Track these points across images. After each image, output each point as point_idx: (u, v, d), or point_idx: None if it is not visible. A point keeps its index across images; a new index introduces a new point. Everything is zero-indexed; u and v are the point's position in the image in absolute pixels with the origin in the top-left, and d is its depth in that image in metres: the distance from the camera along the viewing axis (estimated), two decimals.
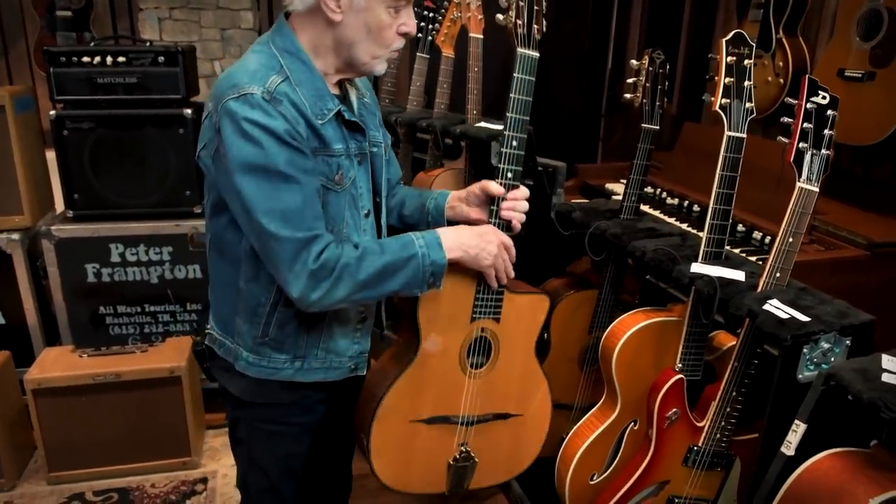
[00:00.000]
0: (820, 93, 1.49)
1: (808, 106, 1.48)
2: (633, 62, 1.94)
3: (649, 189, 2.95)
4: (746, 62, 1.61)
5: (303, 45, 1.36)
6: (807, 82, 1.49)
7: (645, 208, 2.72)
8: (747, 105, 1.61)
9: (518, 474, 1.92)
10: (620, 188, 3.10)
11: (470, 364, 1.74)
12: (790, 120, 1.51)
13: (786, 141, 1.51)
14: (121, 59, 2.58)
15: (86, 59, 2.56)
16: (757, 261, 2.12)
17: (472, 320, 1.69)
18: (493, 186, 1.54)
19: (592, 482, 1.89)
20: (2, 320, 2.78)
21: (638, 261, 1.83)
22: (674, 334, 1.75)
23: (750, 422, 1.67)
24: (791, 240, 1.50)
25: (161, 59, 2.61)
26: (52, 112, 2.57)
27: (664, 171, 3.10)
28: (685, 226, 2.58)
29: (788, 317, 1.41)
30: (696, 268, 1.65)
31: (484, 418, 1.80)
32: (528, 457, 1.91)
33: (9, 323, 2.78)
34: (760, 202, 2.37)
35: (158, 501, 2.48)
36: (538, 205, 1.68)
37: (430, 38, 2.72)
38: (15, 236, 2.67)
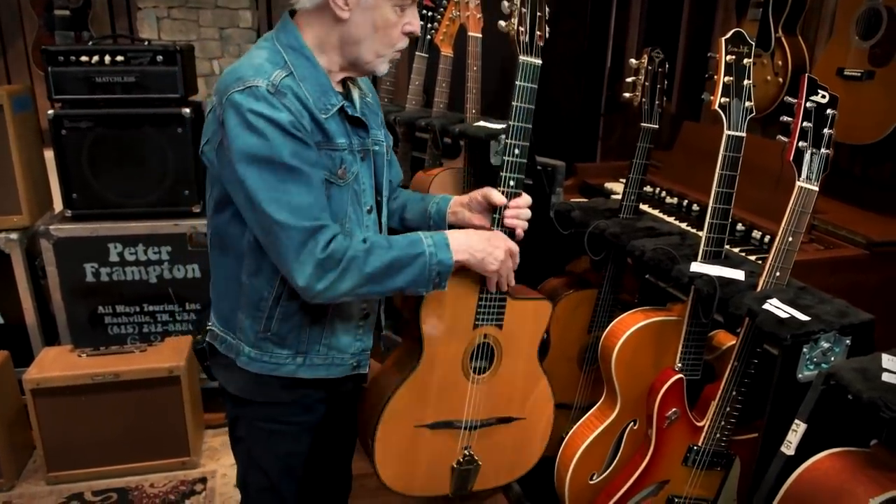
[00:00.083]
0: (819, 91, 1.49)
1: (808, 105, 1.48)
2: (633, 61, 1.94)
3: (648, 188, 2.95)
4: (746, 61, 1.61)
5: (307, 42, 1.38)
6: (806, 81, 1.48)
7: (644, 207, 2.71)
8: (747, 104, 1.61)
9: (521, 475, 1.92)
10: (619, 187, 3.09)
11: (473, 369, 1.74)
12: (790, 119, 1.51)
13: (785, 140, 1.50)
14: (119, 58, 2.58)
15: (84, 58, 2.56)
16: (756, 260, 2.12)
17: (474, 327, 1.69)
18: (495, 195, 1.55)
19: (592, 482, 1.89)
20: (0, 320, 2.77)
21: (637, 260, 1.83)
22: (673, 334, 1.75)
23: (750, 421, 1.67)
24: (791, 239, 1.50)
25: (159, 58, 2.61)
26: (50, 111, 2.57)
27: (663, 170, 3.10)
28: (684, 225, 2.58)
29: (788, 316, 1.41)
30: (696, 267, 1.65)
31: (487, 422, 1.81)
32: (531, 458, 1.92)
33: (7, 323, 2.78)
34: (760, 201, 2.37)
35: (157, 501, 2.47)
36: (537, 204, 1.68)
37: (429, 36, 2.72)
38: (13, 236, 2.67)
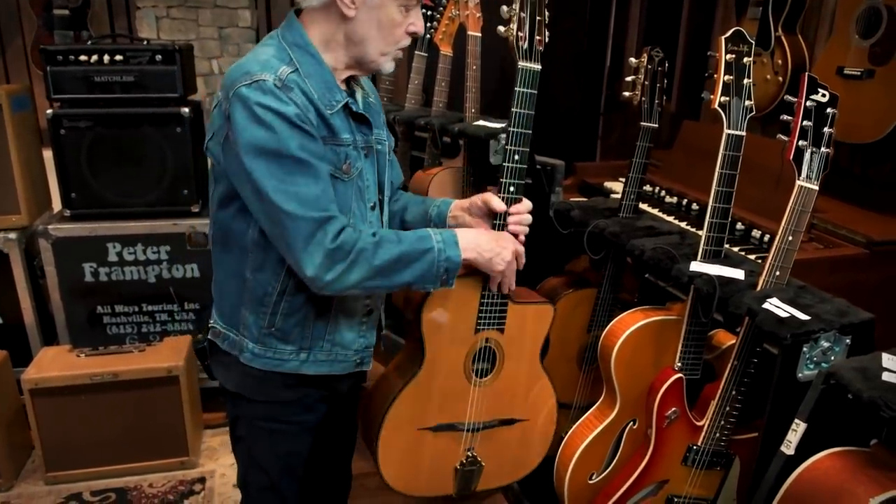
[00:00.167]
0: (819, 90, 1.48)
1: (808, 104, 1.48)
2: (632, 60, 1.93)
3: (648, 187, 2.95)
4: (746, 60, 1.60)
5: (313, 40, 1.39)
6: (806, 80, 1.48)
7: (644, 207, 2.71)
8: (747, 103, 1.60)
9: (525, 475, 1.92)
10: (619, 186, 3.09)
11: (475, 372, 1.74)
12: (790, 118, 1.50)
13: (785, 139, 1.50)
14: (118, 57, 2.58)
15: (83, 57, 2.55)
16: (756, 259, 2.11)
17: (476, 331, 1.69)
18: (496, 202, 1.56)
19: (591, 481, 1.89)
20: None
21: (637, 259, 1.83)
22: (673, 333, 1.74)
23: (749, 421, 1.67)
24: (791, 238, 1.49)
25: (158, 57, 2.60)
26: (49, 111, 2.56)
27: (663, 169, 3.09)
28: (684, 224, 2.58)
29: (788, 315, 1.41)
30: (696, 266, 1.64)
31: (490, 424, 1.81)
32: (535, 459, 1.92)
33: (6, 322, 2.77)
34: (759, 200, 2.37)
35: (156, 501, 2.47)
36: (536, 203, 1.68)
37: (429, 36, 2.71)
38: (12, 235, 2.67)
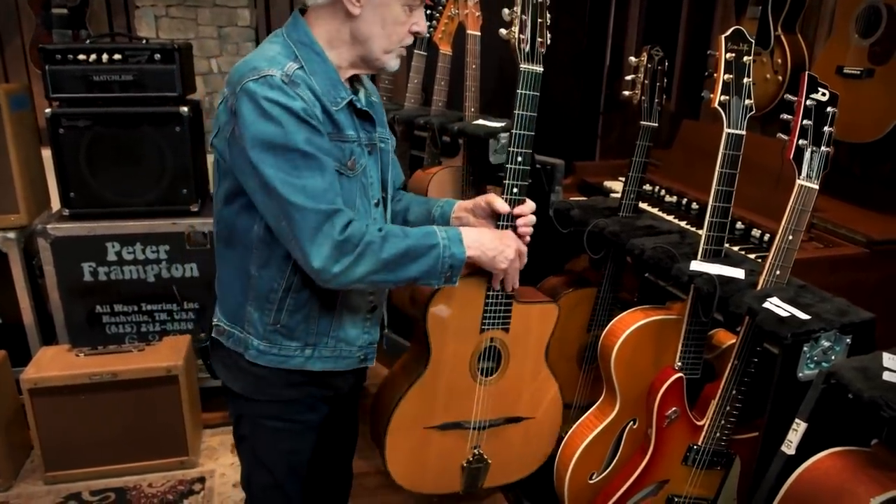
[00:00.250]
0: (819, 89, 1.48)
1: (808, 103, 1.47)
2: (632, 59, 1.93)
3: (647, 187, 2.95)
4: (745, 59, 1.60)
5: (318, 38, 1.40)
6: (806, 79, 1.48)
7: (643, 206, 2.71)
8: (746, 102, 1.60)
9: (531, 472, 1.93)
10: (618, 186, 3.09)
11: (480, 371, 1.75)
12: (790, 117, 1.50)
13: (785, 138, 1.50)
14: (117, 56, 2.57)
15: (81, 56, 2.55)
16: (756, 258, 2.11)
17: (481, 331, 1.70)
18: (499, 204, 1.58)
19: (591, 481, 1.89)
20: None
21: (637, 259, 1.83)
22: (673, 332, 1.74)
23: (750, 420, 1.67)
24: (791, 237, 1.49)
25: (157, 56, 2.59)
26: (47, 110, 2.55)
27: (662, 168, 3.09)
28: (684, 223, 2.57)
29: (788, 315, 1.40)
30: (696, 265, 1.64)
31: (495, 422, 1.82)
32: (541, 456, 1.94)
33: (5, 322, 2.76)
34: (759, 199, 2.36)
35: (156, 501, 2.47)
36: (536, 203, 1.68)
37: (428, 35, 2.71)
38: (11, 235, 2.66)
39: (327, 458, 1.72)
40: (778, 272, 1.52)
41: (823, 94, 1.48)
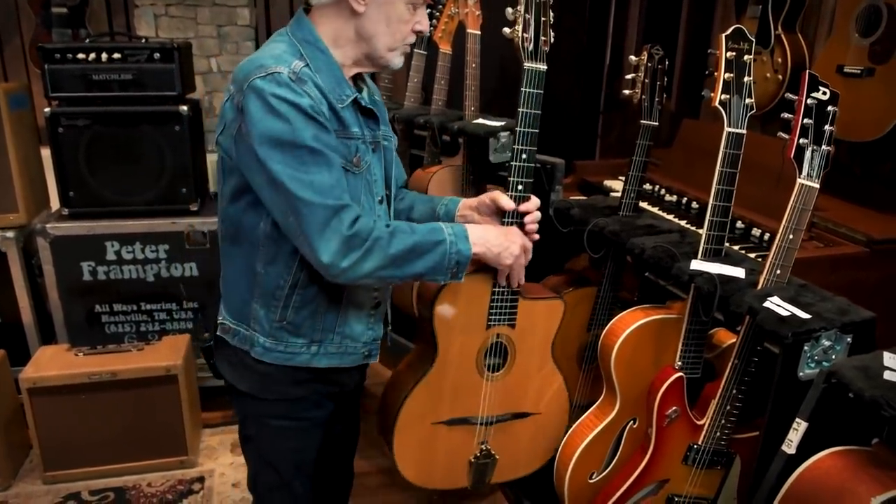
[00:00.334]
0: (820, 88, 1.48)
1: (809, 102, 1.47)
2: (632, 58, 1.93)
3: (648, 186, 2.94)
4: (746, 58, 1.60)
5: (322, 36, 1.41)
6: (807, 78, 1.48)
7: (643, 205, 2.70)
8: (747, 101, 1.60)
9: (539, 468, 1.93)
10: (618, 185, 3.08)
11: (487, 367, 1.76)
12: (790, 116, 1.50)
13: (786, 137, 1.50)
14: (116, 55, 2.56)
15: (81, 55, 2.54)
16: (756, 258, 2.11)
17: (487, 327, 1.71)
18: (504, 200, 1.59)
19: (591, 481, 1.89)
20: None
21: (637, 258, 1.82)
22: (673, 332, 1.74)
23: (750, 420, 1.66)
24: (791, 236, 1.49)
25: (157, 55, 2.59)
26: (47, 109, 2.55)
27: (662, 167, 3.09)
28: (684, 223, 2.57)
29: (789, 314, 1.40)
30: (696, 265, 1.64)
31: (502, 418, 1.84)
32: (548, 451, 1.95)
33: (4, 321, 2.76)
34: (759, 199, 2.36)
35: (155, 501, 2.47)
36: None
37: (428, 34, 2.71)
38: (10, 234, 2.66)
39: (330, 456, 1.72)
40: (778, 271, 1.52)
41: (824, 93, 1.48)
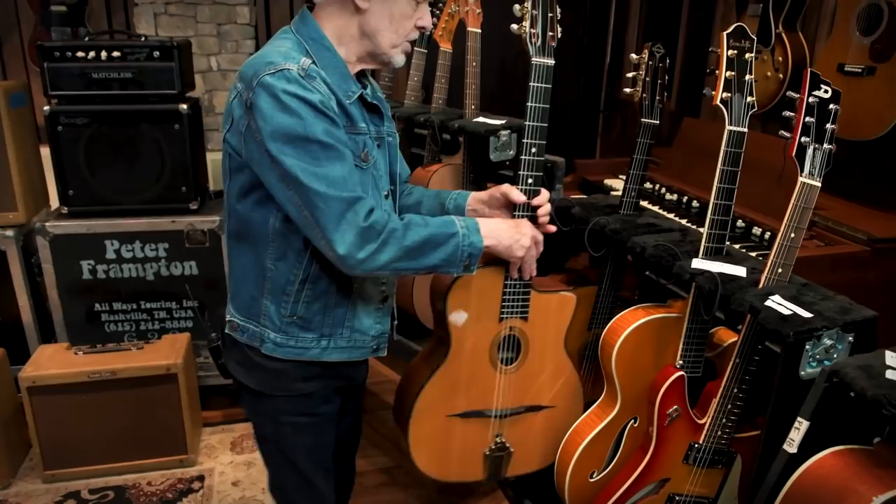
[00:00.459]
0: (822, 87, 1.47)
1: (811, 100, 1.47)
2: (633, 56, 1.93)
3: (648, 185, 2.94)
4: (747, 56, 1.60)
5: (326, 33, 1.42)
6: (809, 76, 1.47)
7: (644, 204, 2.70)
8: (748, 99, 1.60)
9: (553, 461, 1.93)
10: (619, 184, 3.08)
11: (500, 360, 1.77)
12: (792, 114, 1.50)
13: (787, 135, 1.49)
14: (115, 53, 2.56)
15: (80, 53, 2.54)
16: (757, 256, 2.11)
17: (500, 320, 1.72)
18: (515, 194, 1.61)
19: (592, 480, 1.89)
20: None
21: (638, 256, 1.82)
22: (674, 331, 1.74)
23: (751, 419, 1.66)
24: (793, 235, 1.49)
25: (156, 53, 2.58)
26: (46, 107, 2.54)
27: (663, 166, 3.08)
28: (684, 222, 2.57)
29: (791, 313, 1.40)
30: (698, 263, 1.64)
31: (516, 411, 1.87)
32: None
33: (4, 320, 2.76)
34: (760, 197, 2.36)
35: (155, 499, 2.46)
36: None
37: (428, 32, 2.71)
38: (9, 233, 2.65)
39: (338, 451, 1.72)
40: (780, 270, 1.52)
41: (826, 91, 1.47)
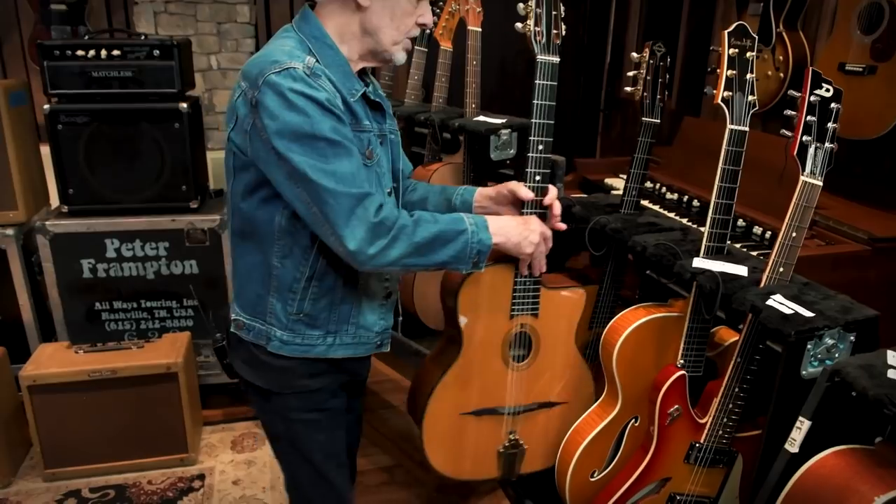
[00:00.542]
0: (823, 85, 1.47)
1: (812, 99, 1.47)
2: (634, 55, 1.92)
3: (649, 184, 2.94)
4: (749, 54, 1.59)
5: (328, 31, 1.43)
6: (810, 75, 1.47)
7: (644, 203, 2.70)
8: (749, 98, 1.59)
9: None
10: (619, 183, 3.08)
11: (512, 357, 1.77)
12: (793, 113, 1.49)
13: (789, 134, 1.49)
14: (115, 52, 2.56)
15: (80, 52, 2.53)
16: (758, 256, 2.10)
17: (511, 317, 1.73)
18: (523, 191, 1.62)
19: (593, 479, 1.88)
20: None
21: (639, 255, 1.82)
22: (675, 330, 1.74)
23: (752, 418, 1.66)
24: (794, 234, 1.49)
25: (156, 52, 2.58)
26: (46, 106, 2.54)
27: (663, 166, 3.08)
28: (685, 221, 2.57)
29: (792, 312, 1.40)
30: (699, 263, 1.63)
31: (529, 407, 1.88)
32: None
33: (4, 319, 2.76)
34: (761, 197, 2.36)
35: (155, 498, 2.46)
36: None
37: (429, 30, 2.70)
38: (9, 231, 2.65)
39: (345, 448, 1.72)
40: (781, 269, 1.51)
41: (827, 90, 1.47)
